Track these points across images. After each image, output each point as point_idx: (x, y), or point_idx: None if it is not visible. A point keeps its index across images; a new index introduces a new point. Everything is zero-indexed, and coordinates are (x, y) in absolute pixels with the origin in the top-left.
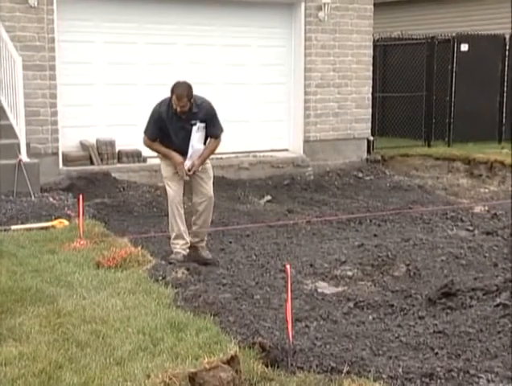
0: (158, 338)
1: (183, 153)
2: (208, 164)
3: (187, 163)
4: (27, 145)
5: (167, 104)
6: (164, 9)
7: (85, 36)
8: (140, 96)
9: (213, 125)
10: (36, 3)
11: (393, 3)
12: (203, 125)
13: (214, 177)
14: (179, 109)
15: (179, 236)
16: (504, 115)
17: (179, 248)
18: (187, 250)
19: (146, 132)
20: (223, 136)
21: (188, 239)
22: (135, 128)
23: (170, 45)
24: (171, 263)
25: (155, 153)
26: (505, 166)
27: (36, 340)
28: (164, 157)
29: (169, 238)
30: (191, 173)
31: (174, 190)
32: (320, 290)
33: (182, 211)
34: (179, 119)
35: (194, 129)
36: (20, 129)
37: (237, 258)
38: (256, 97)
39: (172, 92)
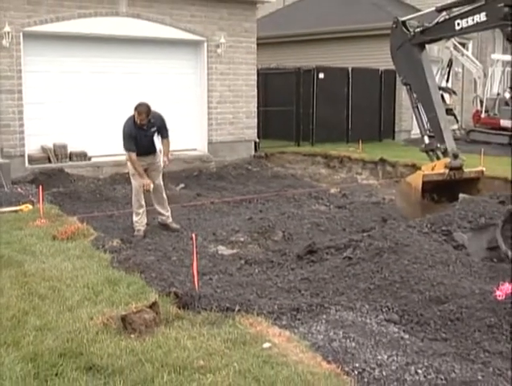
0: (98, 290)
1: (147, 153)
2: (160, 162)
3: (165, 159)
4: (1, 149)
5: (132, 120)
6: (103, 46)
7: (44, 67)
8: (86, 111)
9: (165, 129)
10: (8, 44)
11: (270, 43)
12: (157, 131)
13: None
14: (139, 122)
15: (143, 216)
16: (350, 124)
17: (141, 226)
18: (146, 226)
19: (128, 148)
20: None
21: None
22: (82, 134)
23: (109, 73)
24: (134, 237)
25: (98, 153)
26: (351, 160)
27: (8, 294)
28: (138, 175)
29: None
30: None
31: (138, 183)
32: (220, 252)
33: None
34: (141, 129)
35: (155, 135)
36: None
37: (159, 230)
38: (174, 111)
39: (135, 109)
